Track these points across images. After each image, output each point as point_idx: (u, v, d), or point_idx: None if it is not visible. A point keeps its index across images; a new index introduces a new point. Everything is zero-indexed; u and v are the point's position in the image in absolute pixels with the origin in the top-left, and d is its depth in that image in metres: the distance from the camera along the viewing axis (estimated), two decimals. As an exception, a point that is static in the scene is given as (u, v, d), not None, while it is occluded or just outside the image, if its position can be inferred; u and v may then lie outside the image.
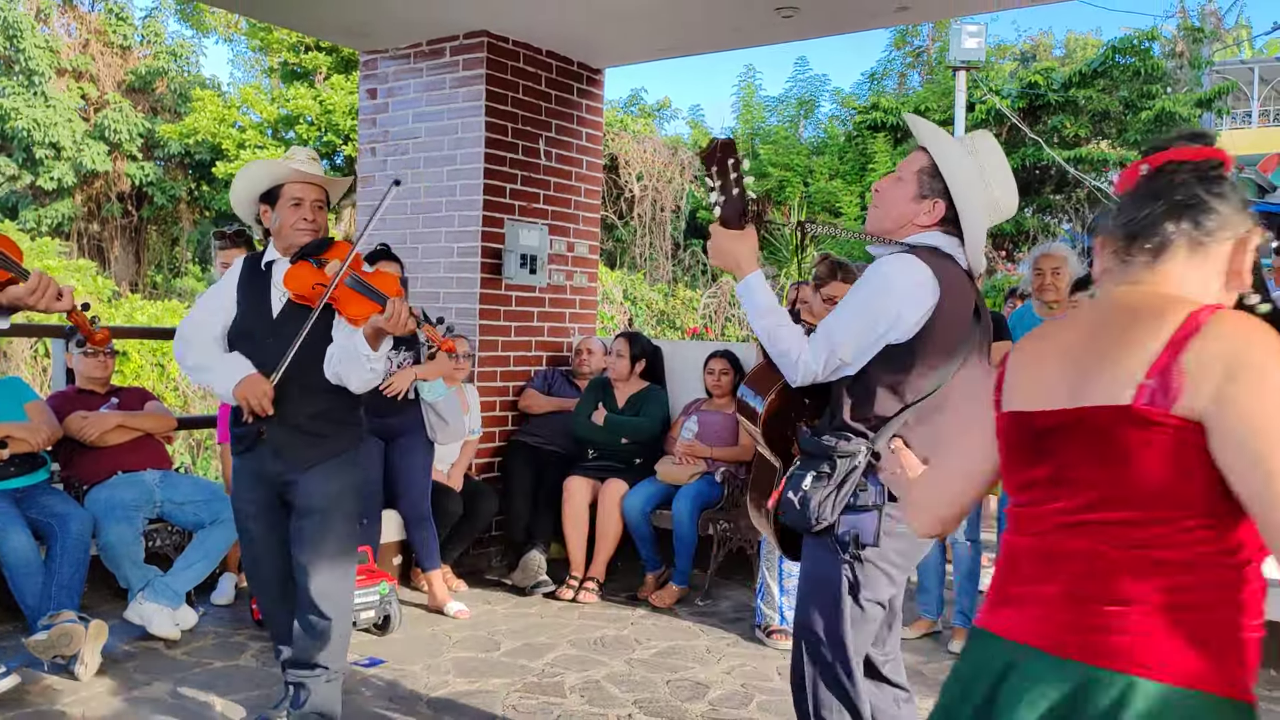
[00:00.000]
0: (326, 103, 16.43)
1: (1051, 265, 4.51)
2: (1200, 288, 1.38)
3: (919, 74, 18.53)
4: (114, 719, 3.40)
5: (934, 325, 2.21)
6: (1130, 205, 1.42)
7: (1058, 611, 1.35)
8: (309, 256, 3.03)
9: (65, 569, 3.92)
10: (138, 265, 20.15)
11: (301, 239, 3.07)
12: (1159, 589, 1.28)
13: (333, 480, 3.07)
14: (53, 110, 17.75)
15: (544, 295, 5.94)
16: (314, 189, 3.11)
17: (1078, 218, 15.51)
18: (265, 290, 3.11)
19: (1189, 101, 15.05)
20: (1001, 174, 2.31)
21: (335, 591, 3.11)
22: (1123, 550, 1.31)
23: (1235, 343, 1.25)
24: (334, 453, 3.08)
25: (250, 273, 3.17)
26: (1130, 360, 1.30)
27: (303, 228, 3.08)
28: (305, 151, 3.18)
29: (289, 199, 3.08)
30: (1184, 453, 1.25)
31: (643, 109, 18.10)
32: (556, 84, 5.96)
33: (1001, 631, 1.41)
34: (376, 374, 3.01)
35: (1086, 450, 1.34)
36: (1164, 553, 1.28)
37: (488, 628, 4.52)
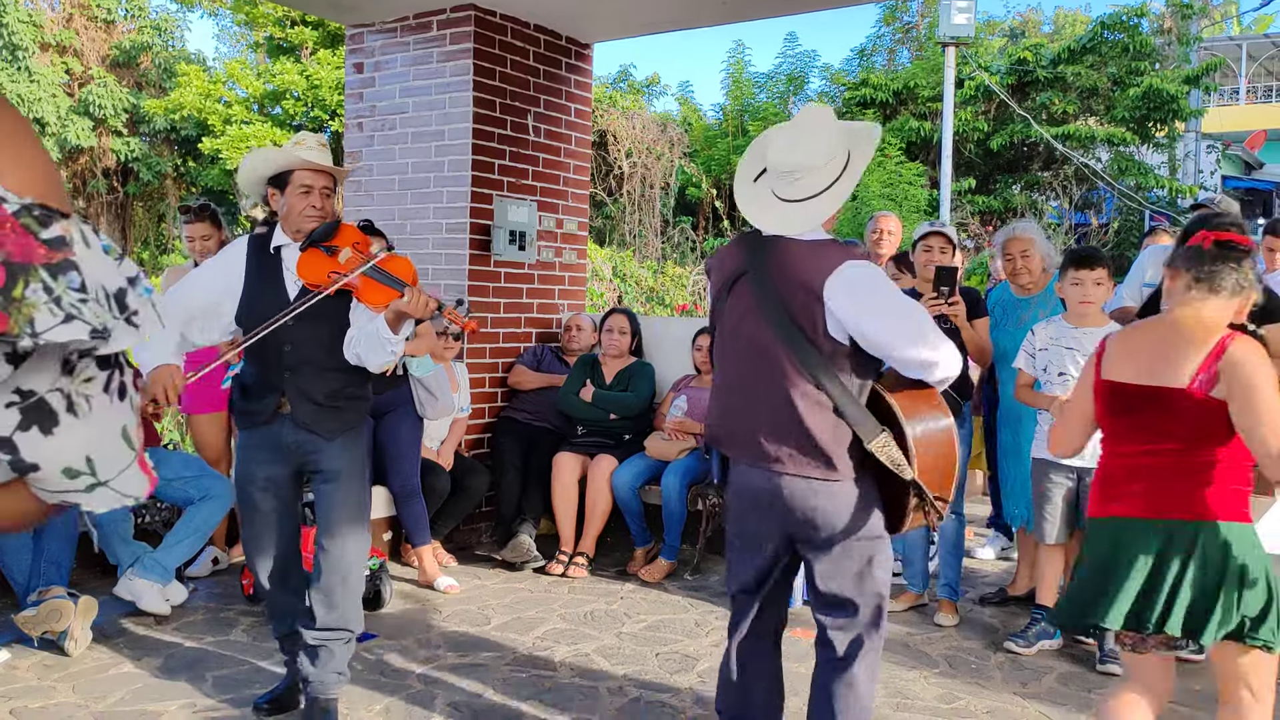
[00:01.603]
0: (313, 78, 16.30)
1: (1020, 249, 4.49)
2: (1225, 318, 2.44)
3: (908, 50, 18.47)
4: (104, 695, 3.42)
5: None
6: (1204, 260, 2.44)
7: (1146, 498, 2.44)
8: (318, 243, 3.09)
9: (54, 545, 3.93)
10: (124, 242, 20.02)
11: (309, 225, 3.12)
12: (1200, 480, 2.40)
13: (352, 448, 3.21)
14: (37, 85, 17.57)
15: (533, 272, 5.93)
16: (323, 176, 3.16)
17: (1065, 195, 15.54)
18: (277, 274, 3.16)
19: (1177, 78, 15.06)
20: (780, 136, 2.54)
21: (356, 554, 3.23)
22: (1176, 463, 2.42)
23: (1242, 358, 2.34)
24: (350, 425, 3.21)
25: (259, 256, 3.20)
26: (1187, 362, 2.39)
27: (311, 215, 3.12)
28: (315, 138, 3.22)
29: (298, 186, 3.12)
30: (1211, 416, 2.36)
31: (632, 85, 18.01)
32: (545, 59, 5.93)
33: (1115, 514, 2.49)
34: (395, 356, 3.13)
35: (1158, 411, 2.43)
36: (1200, 461, 2.40)
37: (478, 603, 4.55)
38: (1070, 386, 3.93)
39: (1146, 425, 2.44)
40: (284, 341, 3.08)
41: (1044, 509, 4.07)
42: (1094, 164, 15.13)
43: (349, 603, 3.22)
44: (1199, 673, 3.90)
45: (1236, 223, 2.40)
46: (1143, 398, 2.43)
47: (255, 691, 3.44)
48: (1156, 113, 14.88)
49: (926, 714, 3.46)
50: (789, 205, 2.49)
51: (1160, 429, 2.42)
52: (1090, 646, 4.09)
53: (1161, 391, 2.39)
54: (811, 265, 2.43)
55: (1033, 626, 4.10)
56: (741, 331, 2.53)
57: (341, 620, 3.20)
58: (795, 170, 2.45)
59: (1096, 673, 3.87)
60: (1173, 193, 15.12)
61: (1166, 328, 2.47)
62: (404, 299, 2.98)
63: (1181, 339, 2.41)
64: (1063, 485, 4.03)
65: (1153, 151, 16.11)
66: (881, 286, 2.45)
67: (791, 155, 2.45)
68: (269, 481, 3.21)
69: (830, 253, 2.45)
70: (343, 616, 3.20)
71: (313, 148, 3.17)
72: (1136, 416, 2.46)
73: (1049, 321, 4.10)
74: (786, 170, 2.47)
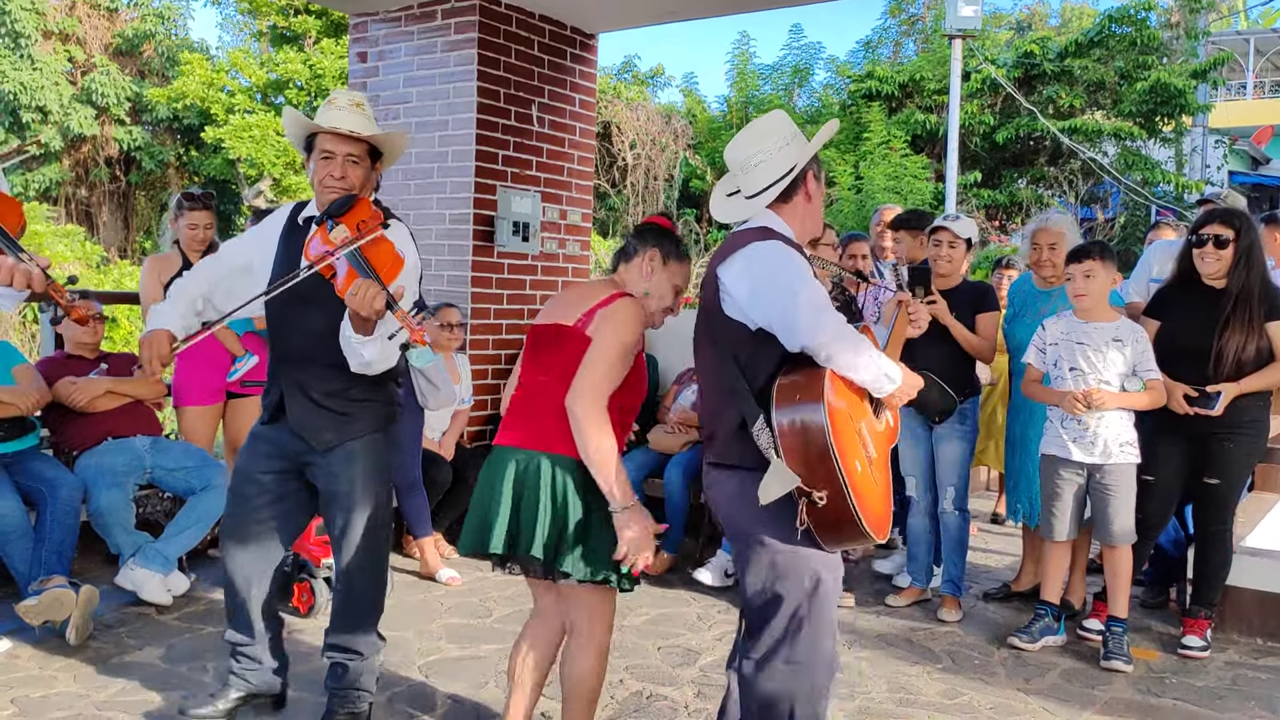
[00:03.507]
0: (316, 67, 16.27)
1: (1048, 240, 4.45)
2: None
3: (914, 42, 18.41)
4: (105, 684, 3.41)
5: None
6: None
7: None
8: (330, 218, 2.77)
9: (55, 535, 3.92)
10: (126, 231, 20.02)
11: (328, 196, 2.82)
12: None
13: (356, 463, 2.89)
14: (39, 73, 17.56)
15: (536, 263, 5.91)
16: (348, 142, 2.84)
17: (1071, 189, 15.48)
18: (299, 251, 2.86)
19: (1184, 73, 14.99)
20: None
21: (362, 580, 2.98)
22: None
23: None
24: (356, 434, 2.89)
25: (290, 227, 2.94)
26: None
27: (330, 184, 2.83)
28: (347, 96, 2.89)
29: (320, 151, 2.84)
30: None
31: (636, 76, 17.97)
32: (549, 49, 5.90)
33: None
34: (366, 361, 2.75)
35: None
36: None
37: (479, 594, 4.54)
38: (1080, 382, 3.91)
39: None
40: (284, 328, 2.86)
41: (1053, 506, 4.04)
42: (1100, 158, 15.06)
43: (355, 626, 3.01)
44: (1202, 670, 3.89)
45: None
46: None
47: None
48: (1163, 107, 14.82)
49: (929, 709, 3.44)
50: (729, 198, 2.63)
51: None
52: (1094, 643, 4.08)
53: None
54: (724, 249, 2.50)
55: (1036, 622, 4.09)
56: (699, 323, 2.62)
57: (347, 641, 3.01)
58: (733, 165, 2.57)
59: (1100, 669, 3.85)
60: (1179, 188, 15.06)
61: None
62: (349, 290, 2.58)
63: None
64: (1072, 482, 4.01)
65: (1159, 146, 16.05)
66: (778, 267, 2.37)
67: (730, 152, 2.56)
68: (262, 476, 2.96)
69: (742, 237, 2.47)
70: (348, 639, 3.01)
71: (342, 107, 2.85)
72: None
73: (1060, 316, 4.08)
74: (731, 166, 2.58)
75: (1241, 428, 3.98)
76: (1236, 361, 3.92)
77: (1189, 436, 4.01)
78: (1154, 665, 3.94)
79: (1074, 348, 3.96)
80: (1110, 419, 3.91)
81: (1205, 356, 3.93)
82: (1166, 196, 15.12)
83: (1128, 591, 3.99)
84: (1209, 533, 4.10)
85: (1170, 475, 4.08)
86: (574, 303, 2.62)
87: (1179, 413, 3.95)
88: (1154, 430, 4.06)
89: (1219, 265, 3.95)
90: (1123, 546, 3.95)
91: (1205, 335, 3.94)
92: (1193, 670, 3.90)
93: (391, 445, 3.04)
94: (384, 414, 2.99)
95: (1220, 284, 3.97)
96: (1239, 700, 3.60)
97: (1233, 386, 3.91)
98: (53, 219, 16.59)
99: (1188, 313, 4.01)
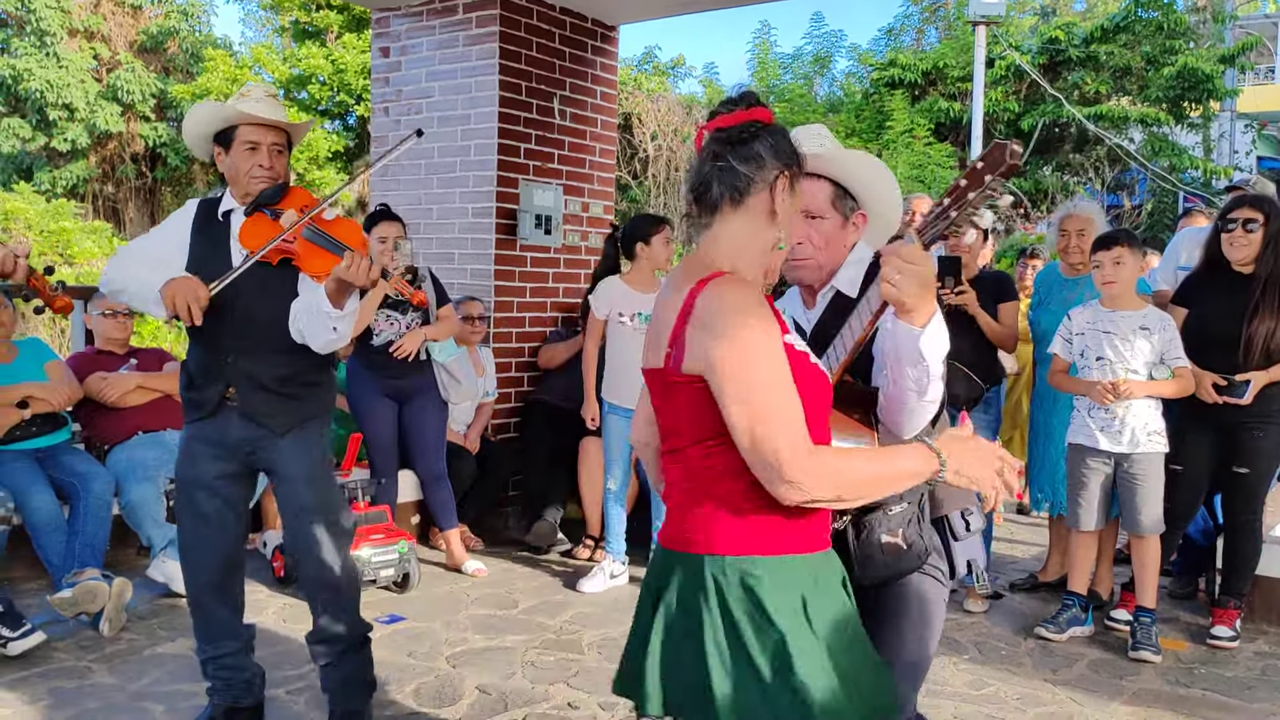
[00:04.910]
0: (339, 62, 16.33)
1: (1076, 226, 4.42)
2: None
3: (937, 30, 18.25)
4: (138, 675, 3.46)
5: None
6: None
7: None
8: (263, 207, 2.76)
9: (88, 528, 3.97)
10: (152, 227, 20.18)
11: (257, 187, 2.79)
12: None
13: (312, 446, 2.88)
14: (65, 71, 17.71)
15: (559, 256, 5.92)
16: (272, 132, 2.82)
17: (1097, 176, 15.33)
18: (223, 243, 2.82)
19: (1212, 57, 14.78)
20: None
21: (337, 558, 2.92)
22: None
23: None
24: (307, 416, 2.88)
25: (206, 221, 2.87)
26: None
27: (259, 175, 2.79)
28: (262, 88, 2.87)
29: (243, 143, 2.79)
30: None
31: (657, 67, 17.93)
32: (570, 41, 5.90)
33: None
34: (341, 336, 2.73)
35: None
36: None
37: (505, 585, 4.57)
38: (1108, 371, 3.89)
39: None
40: (227, 319, 2.73)
41: (1079, 495, 4.02)
42: (1127, 145, 14.90)
43: (335, 612, 2.91)
44: (1231, 660, 3.86)
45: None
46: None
47: (288, 673, 3.47)
48: (1191, 92, 14.63)
49: (956, 700, 3.44)
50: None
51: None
52: (1122, 633, 4.05)
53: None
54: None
55: (1064, 613, 4.07)
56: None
57: (326, 631, 2.92)
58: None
59: (1128, 659, 3.83)
60: (1207, 174, 14.88)
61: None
62: (343, 264, 2.59)
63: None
64: (1100, 471, 3.98)
65: (1187, 132, 15.85)
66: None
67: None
68: (214, 481, 2.86)
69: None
70: (329, 628, 2.92)
71: (259, 99, 2.81)
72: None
73: (1086, 306, 4.05)
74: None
75: (1271, 417, 3.94)
76: (1266, 349, 3.88)
77: (1218, 426, 3.98)
78: (1183, 656, 3.91)
79: (1101, 337, 3.93)
80: (1138, 408, 3.88)
81: (1234, 344, 3.90)
82: (1194, 183, 14.93)
83: (1155, 582, 3.97)
84: (1238, 522, 4.07)
85: (1199, 465, 4.05)
86: (658, 325, 1.70)
87: (1208, 402, 3.91)
88: (1183, 419, 4.03)
89: (1248, 250, 3.90)
90: (1150, 536, 3.93)
91: (1234, 322, 3.90)
92: (1222, 661, 3.87)
93: (327, 432, 3.01)
94: (329, 398, 3.00)
95: (1249, 270, 3.93)
96: (1269, 691, 3.57)
97: (1262, 375, 3.87)
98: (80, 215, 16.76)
99: (1216, 300, 3.97)
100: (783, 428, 1.52)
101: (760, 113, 1.68)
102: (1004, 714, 3.33)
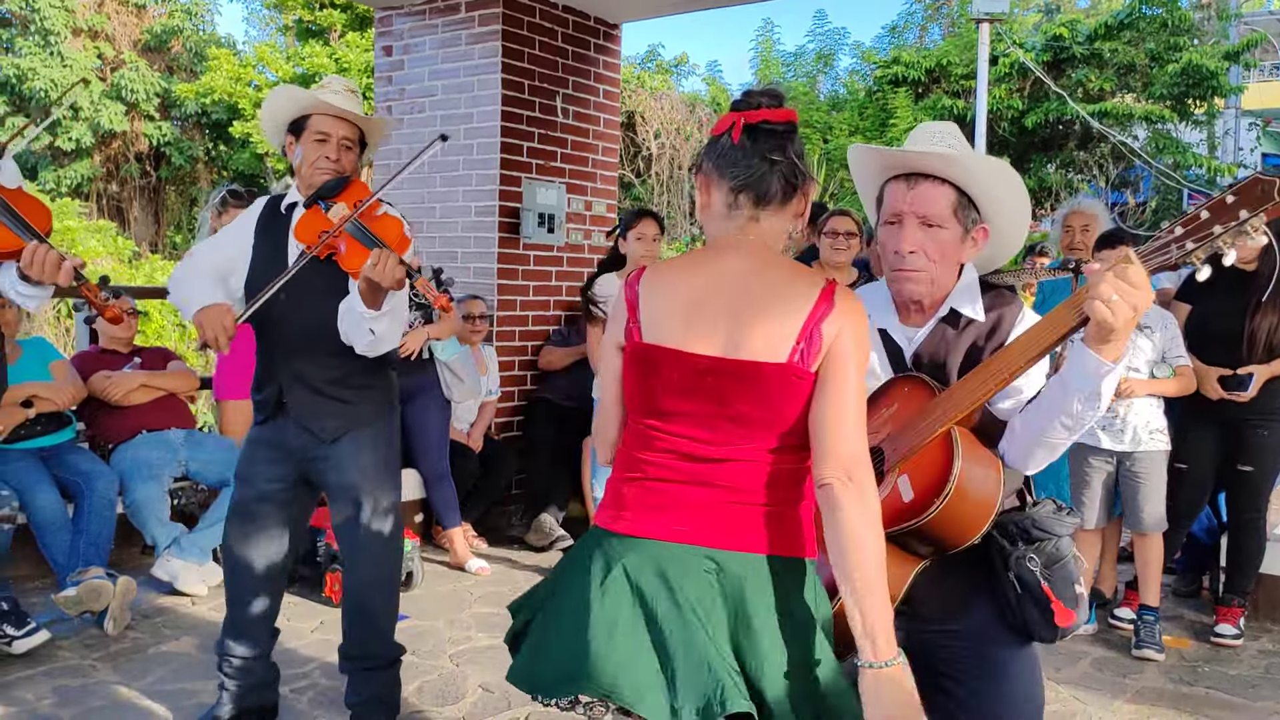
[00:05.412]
0: (342, 60, 16.34)
1: (1081, 222, 4.42)
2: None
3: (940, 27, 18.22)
4: (142, 673, 3.47)
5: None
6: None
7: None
8: (321, 199, 2.68)
9: (93, 526, 3.99)
10: (157, 226, 20.22)
11: (320, 179, 2.73)
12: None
13: (364, 452, 2.79)
14: (69, 70, 17.74)
15: (562, 254, 5.93)
16: (344, 125, 2.76)
17: (1101, 174, 15.30)
18: (282, 239, 2.76)
19: (1216, 54, 14.75)
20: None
21: (381, 579, 2.87)
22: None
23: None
24: (361, 422, 2.79)
25: (270, 216, 2.84)
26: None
27: (324, 166, 2.73)
28: (342, 81, 2.81)
29: (314, 133, 2.74)
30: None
31: (660, 65, 17.91)
32: (573, 40, 5.90)
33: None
34: (378, 337, 2.64)
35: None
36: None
37: (509, 584, 4.57)
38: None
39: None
40: (278, 320, 2.69)
41: (1082, 494, 4.02)
42: (1131, 142, 14.86)
43: (368, 632, 2.88)
44: (1235, 658, 3.86)
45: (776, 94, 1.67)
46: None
47: (289, 671, 3.47)
48: (1195, 89, 14.59)
49: (959, 698, 3.43)
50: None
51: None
52: (1126, 632, 4.05)
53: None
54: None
55: (1067, 611, 4.06)
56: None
57: (361, 647, 2.89)
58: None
59: (1132, 657, 3.83)
60: (1212, 171, 14.84)
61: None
62: (369, 261, 2.47)
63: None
64: (1102, 470, 3.98)
65: (1191, 129, 15.81)
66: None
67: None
68: (266, 485, 2.83)
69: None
70: (360, 645, 2.89)
71: (338, 91, 2.76)
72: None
73: (1086, 304, 4.04)
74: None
75: (1275, 414, 3.94)
76: (1268, 344, 3.87)
77: (1222, 423, 3.97)
78: (1186, 654, 3.91)
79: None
80: (1140, 406, 3.88)
81: (1237, 340, 3.90)
82: (1199, 180, 14.90)
83: (1159, 580, 3.96)
84: (1242, 520, 4.06)
85: (1203, 462, 4.04)
86: (758, 307, 1.60)
87: (1212, 398, 3.91)
88: (1186, 417, 4.03)
89: (1251, 248, 3.89)
90: (1153, 534, 3.92)
91: (1237, 319, 3.90)
92: (1225, 659, 3.87)
93: (395, 435, 2.95)
94: (386, 400, 2.90)
95: (1251, 267, 3.93)
96: (1272, 689, 3.57)
97: (1265, 369, 3.86)
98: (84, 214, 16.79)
99: (1219, 297, 3.97)
100: (863, 439, 1.60)
101: (795, 114, 1.67)
102: (1007, 712, 3.33)
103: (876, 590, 1.54)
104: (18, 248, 2.39)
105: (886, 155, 1.92)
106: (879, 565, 1.54)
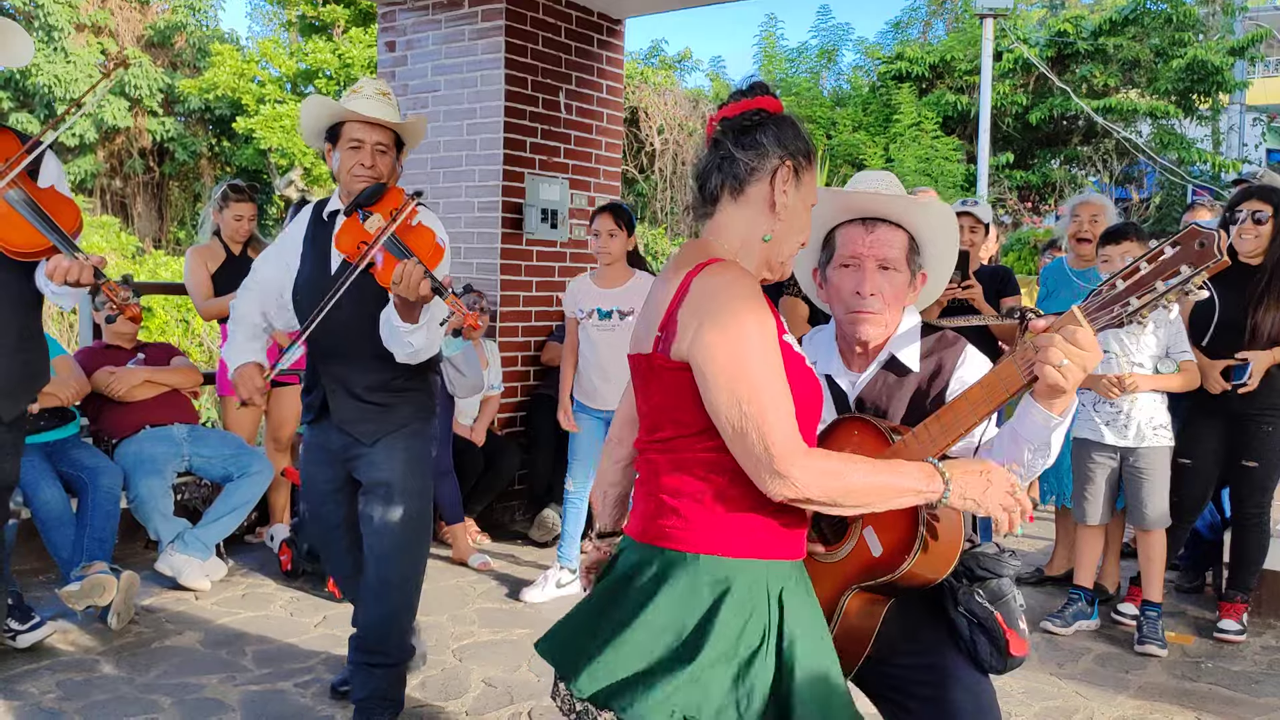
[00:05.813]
0: (345, 56, 16.35)
1: (1090, 213, 4.42)
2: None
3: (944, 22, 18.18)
4: (147, 668, 3.48)
5: None
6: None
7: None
8: (359, 208, 2.69)
9: (97, 521, 3.99)
10: (160, 221, 20.25)
11: (357, 186, 2.75)
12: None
13: (397, 454, 2.84)
14: (73, 66, 17.76)
15: (565, 250, 5.92)
16: (377, 130, 2.78)
17: (1106, 170, 15.27)
18: (327, 245, 2.81)
19: (1221, 49, 14.72)
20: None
21: (403, 577, 2.90)
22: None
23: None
24: (399, 424, 2.85)
25: (315, 225, 2.89)
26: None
27: (359, 174, 2.76)
28: (374, 85, 2.82)
29: (348, 140, 2.77)
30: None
31: (663, 61, 17.88)
32: (576, 35, 5.89)
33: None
34: (420, 349, 2.68)
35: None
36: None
37: (511, 580, 4.57)
38: (1113, 365, 3.88)
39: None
40: (324, 326, 2.72)
41: (1085, 489, 4.02)
42: (1135, 138, 14.84)
43: (386, 631, 2.90)
44: (1239, 654, 3.86)
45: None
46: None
47: (293, 666, 3.49)
48: (1200, 85, 14.57)
49: (961, 694, 3.43)
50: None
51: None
52: (1128, 627, 4.05)
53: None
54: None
55: (1070, 606, 4.07)
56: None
57: (375, 644, 2.91)
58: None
59: (1134, 653, 3.83)
60: (1216, 167, 14.82)
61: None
62: (394, 275, 2.48)
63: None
64: (1105, 465, 3.98)
65: (1196, 125, 15.80)
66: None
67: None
68: (323, 485, 2.97)
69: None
70: (376, 643, 2.91)
71: (369, 96, 2.78)
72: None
73: (1088, 301, 4.04)
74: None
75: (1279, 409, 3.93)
76: (1271, 337, 3.87)
77: (1226, 419, 3.97)
78: (1189, 650, 3.91)
79: (1106, 331, 3.92)
80: (1143, 401, 3.88)
81: (1240, 333, 3.89)
82: (1203, 176, 14.87)
83: (1162, 575, 3.96)
84: (1246, 516, 4.06)
85: (1207, 458, 4.04)
86: (650, 310, 1.65)
87: (1215, 392, 3.90)
88: (1190, 413, 4.02)
89: (1257, 243, 3.89)
90: (1157, 530, 3.92)
91: (1241, 313, 3.89)
92: (1229, 655, 3.86)
93: (431, 438, 3.01)
94: (425, 403, 2.96)
95: (1256, 261, 3.92)
96: (1275, 685, 3.57)
97: (1265, 355, 3.85)
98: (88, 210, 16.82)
99: (1222, 290, 3.96)
100: (774, 418, 1.45)
101: (766, 101, 1.64)
102: (1010, 707, 3.33)
103: (887, 494, 1.52)
104: (45, 247, 2.51)
105: (854, 198, 1.95)
106: (869, 488, 1.51)
